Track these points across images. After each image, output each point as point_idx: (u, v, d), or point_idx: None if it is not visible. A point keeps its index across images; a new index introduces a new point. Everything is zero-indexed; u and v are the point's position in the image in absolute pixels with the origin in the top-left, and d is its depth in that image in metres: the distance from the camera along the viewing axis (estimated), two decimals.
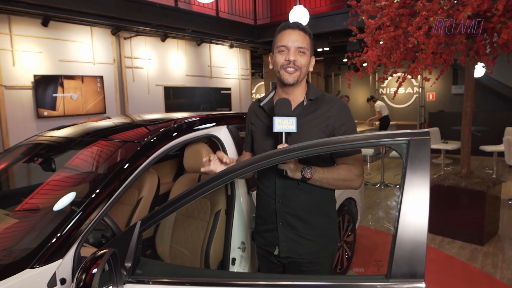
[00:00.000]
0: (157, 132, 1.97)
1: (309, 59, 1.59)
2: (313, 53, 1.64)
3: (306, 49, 1.56)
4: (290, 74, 1.56)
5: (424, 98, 12.06)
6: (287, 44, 1.55)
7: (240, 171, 1.27)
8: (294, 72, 1.56)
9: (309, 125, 1.58)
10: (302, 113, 1.60)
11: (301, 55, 1.56)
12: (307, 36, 1.58)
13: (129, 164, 1.73)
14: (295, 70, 1.56)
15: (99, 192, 1.60)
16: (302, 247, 1.60)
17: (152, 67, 6.86)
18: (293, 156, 1.25)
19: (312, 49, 1.63)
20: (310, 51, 1.59)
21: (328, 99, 1.63)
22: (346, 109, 1.62)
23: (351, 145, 1.22)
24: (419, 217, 1.03)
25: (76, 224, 1.47)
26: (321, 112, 1.59)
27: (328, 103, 1.61)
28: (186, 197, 1.29)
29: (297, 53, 1.55)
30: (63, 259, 1.37)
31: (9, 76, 5.04)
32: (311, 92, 1.64)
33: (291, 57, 1.54)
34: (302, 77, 1.60)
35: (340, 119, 1.58)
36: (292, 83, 1.58)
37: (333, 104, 1.61)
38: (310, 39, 1.60)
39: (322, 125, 1.57)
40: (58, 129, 2.50)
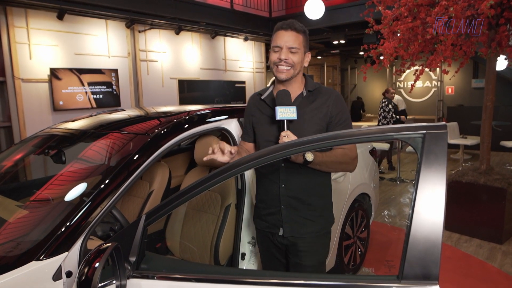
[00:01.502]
0: (167, 125, 1.95)
1: (301, 56, 1.72)
2: (308, 49, 1.78)
3: (298, 49, 1.69)
4: (282, 72, 1.71)
5: (442, 92, 11.78)
6: (280, 44, 1.70)
7: (251, 163, 1.22)
8: (287, 70, 1.71)
9: (310, 114, 1.74)
10: (302, 103, 1.75)
11: (293, 54, 1.69)
12: (300, 35, 1.70)
13: (138, 156, 1.71)
14: (288, 67, 1.70)
15: (107, 183, 1.58)
16: (303, 227, 1.76)
17: (166, 60, 6.86)
18: (306, 149, 1.22)
19: (306, 46, 1.76)
20: (303, 49, 1.72)
21: (325, 91, 1.79)
22: (341, 99, 1.78)
23: (364, 138, 1.17)
24: (434, 215, 0.98)
25: (83, 216, 1.46)
26: (319, 102, 1.75)
27: (325, 94, 1.77)
28: (192, 191, 1.26)
29: (289, 53, 1.69)
30: (69, 251, 1.36)
31: (26, 69, 5.11)
32: (309, 84, 1.79)
33: (282, 56, 1.69)
34: (296, 73, 1.73)
35: (336, 108, 1.73)
36: (285, 79, 1.73)
37: (330, 94, 1.76)
38: (304, 36, 1.72)
39: (321, 114, 1.73)
40: (72, 121, 2.51)
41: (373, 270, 1.89)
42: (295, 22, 1.71)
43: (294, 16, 8.02)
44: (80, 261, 1.37)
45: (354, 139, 1.21)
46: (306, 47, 1.75)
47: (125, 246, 1.24)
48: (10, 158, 2.39)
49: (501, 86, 9.46)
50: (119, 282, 1.17)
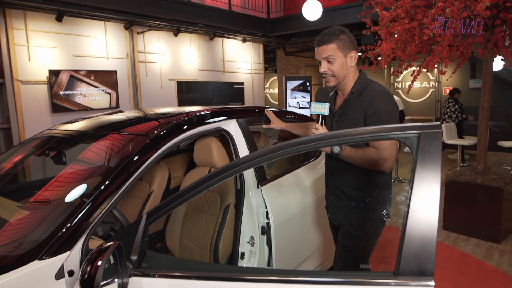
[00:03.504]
0: (167, 126, 1.97)
1: (341, 61, 1.84)
2: (351, 49, 1.85)
3: (333, 57, 1.82)
4: (329, 82, 1.89)
5: (440, 93, 11.82)
6: (318, 58, 1.88)
7: (250, 163, 1.25)
8: (331, 80, 1.88)
9: (350, 114, 1.87)
10: (346, 104, 1.90)
11: (331, 63, 1.84)
12: (332, 44, 1.81)
13: (138, 157, 1.73)
14: (330, 77, 1.86)
15: (108, 184, 1.60)
16: (342, 213, 1.97)
17: (165, 61, 6.88)
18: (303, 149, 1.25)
19: (346, 48, 1.84)
20: (341, 53, 1.83)
21: (369, 90, 1.85)
22: (380, 98, 1.79)
23: (359, 138, 1.19)
24: (429, 213, 1.00)
25: (84, 217, 1.48)
26: (359, 102, 1.85)
27: (367, 94, 1.84)
28: (192, 191, 1.28)
29: (327, 63, 1.84)
30: (71, 251, 1.38)
31: (25, 71, 5.12)
32: (356, 85, 1.89)
33: (321, 69, 1.87)
34: (342, 78, 1.87)
35: (370, 107, 1.78)
36: (333, 87, 1.92)
37: (369, 94, 1.83)
38: (338, 42, 1.82)
39: (359, 113, 1.83)
40: (71, 123, 2.53)
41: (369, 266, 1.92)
42: (326, 33, 1.82)
43: (293, 18, 8.06)
44: (82, 261, 1.39)
45: (350, 139, 1.23)
46: (345, 49, 1.83)
47: (126, 245, 1.26)
48: (10, 160, 2.41)
49: (498, 87, 9.51)
50: (121, 280, 1.19)
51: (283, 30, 8.30)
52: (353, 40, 1.88)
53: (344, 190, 1.94)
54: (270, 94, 14.02)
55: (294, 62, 11.14)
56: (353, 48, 1.87)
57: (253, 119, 2.50)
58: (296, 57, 11.00)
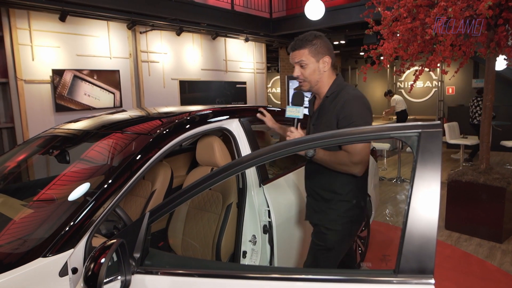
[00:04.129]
0: (169, 125, 1.98)
1: (313, 66, 1.88)
2: (323, 54, 1.88)
3: (304, 62, 1.87)
4: (302, 86, 1.94)
5: (443, 92, 11.80)
6: (292, 62, 1.94)
7: (251, 161, 1.26)
8: (303, 84, 1.93)
9: (325, 117, 1.90)
10: (321, 107, 1.94)
11: (303, 68, 1.89)
12: (304, 50, 1.86)
13: (141, 156, 1.74)
14: (303, 81, 1.92)
15: (111, 183, 1.62)
16: (317, 215, 1.99)
17: (167, 61, 6.90)
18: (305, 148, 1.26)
19: (318, 53, 1.88)
20: (312, 59, 1.87)
21: (342, 94, 1.87)
22: (352, 103, 1.81)
23: (359, 137, 1.20)
24: (429, 212, 1.01)
25: (87, 215, 1.49)
26: (333, 106, 1.87)
27: (340, 98, 1.86)
28: (194, 189, 1.29)
29: (299, 67, 1.89)
30: (75, 248, 1.40)
31: (29, 70, 5.15)
32: (330, 89, 1.92)
33: (294, 74, 1.93)
34: (314, 83, 1.92)
35: (343, 111, 1.80)
36: (306, 91, 1.96)
37: (342, 98, 1.85)
38: (310, 48, 1.86)
39: (332, 117, 1.85)
40: (75, 122, 2.54)
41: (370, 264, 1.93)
42: (299, 39, 1.86)
43: (295, 17, 8.06)
44: (85, 258, 1.40)
45: (350, 138, 1.24)
46: (317, 54, 1.87)
47: (129, 243, 1.28)
48: (14, 159, 2.43)
49: (501, 86, 9.48)
50: (124, 278, 1.20)
51: (285, 30, 8.30)
52: (328, 46, 1.91)
53: (319, 192, 1.97)
54: (272, 93, 14.04)
55: None
56: (327, 53, 1.89)
57: (255, 118, 2.51)
58: None
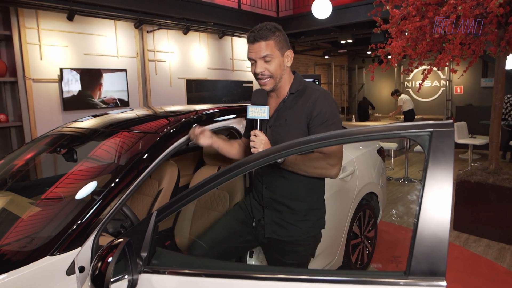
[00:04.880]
0: (176, 124, 1.97)
1: (279, 60, 1.67)
2: (287, 47, 1.71)
3: (271, 55, 1.65)
4: (265, 85, 1.70)
5: (451, 92, 11.70)
6: (252, 57, 1.68)
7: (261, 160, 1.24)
8: (268, 81, 1.69)
9: (291, 117, 1.70)
10: (284, 106, 1.74)
11: (268, 62, 1.66)
12: (270, 41, 1.64)
13: (148, 155, 1.74)
14: (267, 78, 1.68)
15: (118, 182, 1.61)
16: (284, 230, 1.74)
17: (174, 60, 6.91)
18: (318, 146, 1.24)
19: (283, 46, 1.68)
20: (278, 52, 1.66)
21: (309, 91, 1.72)
22: (325, 99, 1.67)
23: (370, 136, 1.18)
24: (441, 213, 0.99)
25: (94, 214, 1.49)
26: (300, 104, 1.70)
27: (309, 95, 1.70)
28: (201, 188, 1.28)
29: (263, 62, 1.66)
30: (82, 247, 1.39)
31: (37, 69, 5.18)
32: (294, 86, 1.74)
33: (257, 69, 1.67)
34: (279, 80, 1.71)
35: (316, 108, 1.64)
36: (270, 90, 1.73)
37: (312, 94, 1.69)
38: (275, 39, 1.65)
39: (301, 116, 1.67)
40: (82, 121, 2.55)
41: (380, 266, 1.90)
42: (262, 29, 1.64)
43: (302, 16, 8.02)
44: (92, 257, 1.40)
45: (360, 137, 1.22)
46: (282, 47, 1.68)
47: (136, 242, 1.27)
48: (22, 157, 2.44)
49: (511, 85, 9.37)
50: (131, 277, 1.19)
51: (292, 29, 8.27)
52: (287, 39, 1.75)
53: (284, 202, 1.74)
54: None
55: (303, 61, 11.12)
56: (288, 46, 1.73)
57: None
58: (305, 56, 10.97)
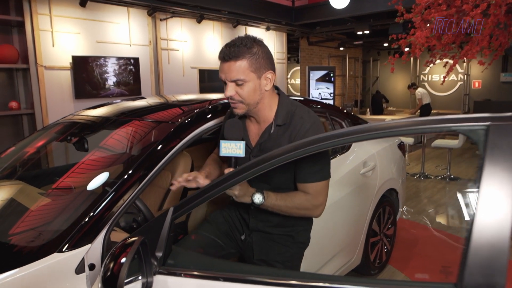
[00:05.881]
0: (193, 113, 1.86)
1: (253, 84, 1.43)
2: (266, 69, 1.45)
3: (243, 80, 1.40)
4: (236, 109, 1.47)
5: (469, 86, 11.40)
6: (222, 77, 1.44)
7: (295, 152, 1.13)
8: (238, 106, 1.46)
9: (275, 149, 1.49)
10: (269, 139, 1.52)
11: (240, 86, 1.42)
12: (243, 61, 1.39)
13: (164, 145, 1.63)
14: (238, 103, 1.45)
15: (132, 173, 1.52)
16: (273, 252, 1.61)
17: (187, 49, 6.79)
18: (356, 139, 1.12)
19: (260, 67, 1.43)
20: (252, 74, 1.41)
21: (298, 121, 1.49)
22: (315, 132, 1.46)
23: (416, 129, 1.04)
24: (500, 218, 0.86)
25: (106, 207, 1.39)
26: (288, 136, 1.49)
27: (297, 126, 1.48)
28: (221, 185, 1.17)
29: (234, 85, 1.42)
30: (93, 243, 1.30)
31: (49, 56, 5.11)
32: (280, 115, 1.50)
33: (227, 93, 1.44)
34: (254, 105, 1.47)
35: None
36: (241, 114, 1.49)
37: (300, 126, 1.48)
38: (250, 58, 1.40)
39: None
40: (94, 108, 2.46)
41: (427, 276, 1.76)
42: (235, 45, 1.39)
43: (318, 6, 7.82)
44: (103, 254, 1.30)
45: (405, 130, 1.09)
46: (259, 68, 1.42)
47: (151, 240, 1.17)
48: (32, 145, 2.36)
49: None
50: (145, 279, 1.09)
51: (308, 19, 8.08)
52: (270, 55, 1.48)
53: (272, 231, 1.61)
54: (291, 84, 13.83)
55: (317, 52, 10.90)
56: (269, 66, 1.46)
57: None
58: (319, 47, 10.75)
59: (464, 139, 6.15)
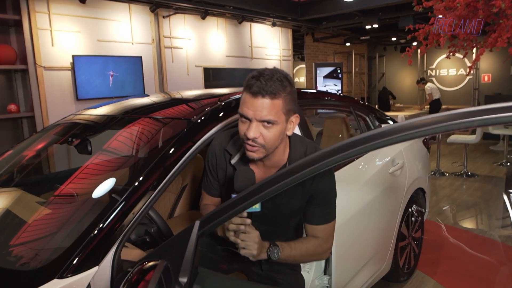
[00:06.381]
0: (215, 106, 1.64)
1: (281, 127, 1.25)
2: (294, 110, 1.29)
3: (275, 121, 1.21)
4: (252, 152, 1.26)
5: (478, 80, 11.12)
6: (248, 115, 1.21)
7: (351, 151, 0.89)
8: (257, 150, 1.26)
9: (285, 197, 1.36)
10: None
11: (267, 128, 1.23)
12: (279, 100, 1.20)
13: (179, 146, 1.41)
14: (259, 147, 1.25)
15: (144, 179, 1.29)
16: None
17: (191, 47, 6.57)
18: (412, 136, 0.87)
19: (290, 109, 1.26)
20: (284, 116, 1.24)
21: None
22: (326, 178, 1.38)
23: (477, 121, 0.80)
24: None
25: (115, 220, 1.17)
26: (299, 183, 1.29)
27: None
28: (255, 195, 0.94)
29: (261, 126, 1.22)
30: (100, 265, 1.07)
31: (48, 56, 4.89)
32: (294, 159, 1.35)
33: (250, 133, 1.21)
34: (272, 150, 1.29)
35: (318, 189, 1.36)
36: (256, 159, 1.30)
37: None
38: (287, 97, 1.23)
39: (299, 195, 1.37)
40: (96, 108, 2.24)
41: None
42: (271, 79, 1.19)
43: (324, 0, 7.58)
44: (112, 277, 1.08)
45: (458, 124, 0.85)
46: (289, 110, 1.26)
47: (173, 262, 0.94)
48: (30, 149, 2.14)
49: None
50: None
51: (314, 13, 7.84)
52: (296, 96, 1.31)
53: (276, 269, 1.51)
54: (296, 83, 13.59)
55: (322, 49, 10.66)
56: (297, 109, 1.31)
57: (307, 101, 2.15)
58: (324, 44, 10.51)
59: (481, 134, 5.90)
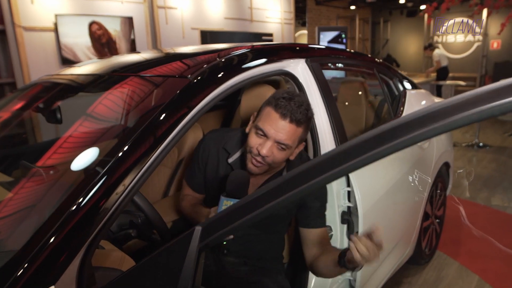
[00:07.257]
0: (213, 63, 1.28)
1: (290, 153, 1.32)
2: (302, 140, 1.34)
3: (290, 146, 1.27)
4: (255, 167, 1.29)
5: (487, 47, 10.65)
6: (268, 132, 1.24)
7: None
8: (261, 167, 1.30)
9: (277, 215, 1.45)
10: None
11: (279, 150, 1.27)
12: (300, 128, 1.26)
13: (176, 109, 1.06)
14: (265, 165, 1.29)
15: (127, 152, 0.95)
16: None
17: (187, 7, 6.07)
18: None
19: (302, 139, 1.32)
20: (296, 143, 1.30)
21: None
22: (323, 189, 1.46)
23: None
24: None
25: (86, 209, 0.83)
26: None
27: None
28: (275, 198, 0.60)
29: (275, 147, 1.26)
30: (61, 278, 0.75)
31: (28, 15, 4.41)
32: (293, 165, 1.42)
33: (263, 151, 1.24)
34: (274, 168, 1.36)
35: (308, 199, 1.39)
36: (255, 174, 1.34)
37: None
38: (305, 127, 1.29)
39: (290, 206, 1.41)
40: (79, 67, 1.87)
41: None
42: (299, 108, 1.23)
43: None
44: None
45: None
46: (301, 139, 1.32)
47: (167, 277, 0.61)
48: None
49: None
50: None
51: None
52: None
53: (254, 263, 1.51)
54: None
55: (325, 13, 10.11)
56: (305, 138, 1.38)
57: (328, 60, 1.79)
58: (327, 8, 9.96)
59: None
